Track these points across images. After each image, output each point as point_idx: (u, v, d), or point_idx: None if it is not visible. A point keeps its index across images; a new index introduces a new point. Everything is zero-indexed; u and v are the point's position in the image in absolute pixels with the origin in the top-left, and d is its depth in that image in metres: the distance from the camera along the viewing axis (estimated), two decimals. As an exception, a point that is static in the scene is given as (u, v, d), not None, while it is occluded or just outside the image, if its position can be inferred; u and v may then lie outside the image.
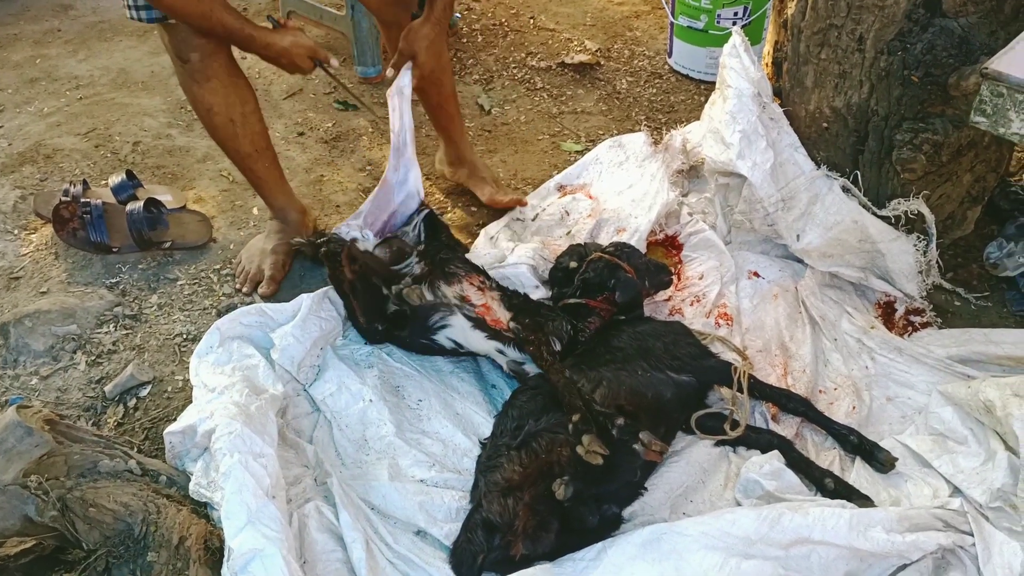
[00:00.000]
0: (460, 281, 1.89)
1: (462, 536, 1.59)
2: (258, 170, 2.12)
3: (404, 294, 1.84)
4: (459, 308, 1.84)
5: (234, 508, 1.42)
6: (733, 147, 2.09)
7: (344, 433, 1.81)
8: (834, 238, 2.07)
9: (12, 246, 2.25)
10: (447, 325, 1.84)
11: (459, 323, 1.83)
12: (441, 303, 1.85)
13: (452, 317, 1.83)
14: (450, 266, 1.93)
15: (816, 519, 1.45)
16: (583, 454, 1.51)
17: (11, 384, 1.92)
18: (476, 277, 1.93)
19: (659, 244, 2.31)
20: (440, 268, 1.91)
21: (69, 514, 1.43)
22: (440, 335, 1.85)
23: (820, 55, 2.03)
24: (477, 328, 1.82)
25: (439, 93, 2.32)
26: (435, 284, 1.87)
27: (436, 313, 1.84)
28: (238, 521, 1.41)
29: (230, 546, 1.39)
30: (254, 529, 1.40)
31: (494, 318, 1.84)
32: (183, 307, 2.10)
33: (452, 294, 1.86)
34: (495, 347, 1.82)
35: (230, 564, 1.38)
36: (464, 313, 1.83)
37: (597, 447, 1.51)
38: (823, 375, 1.94)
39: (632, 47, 3.16)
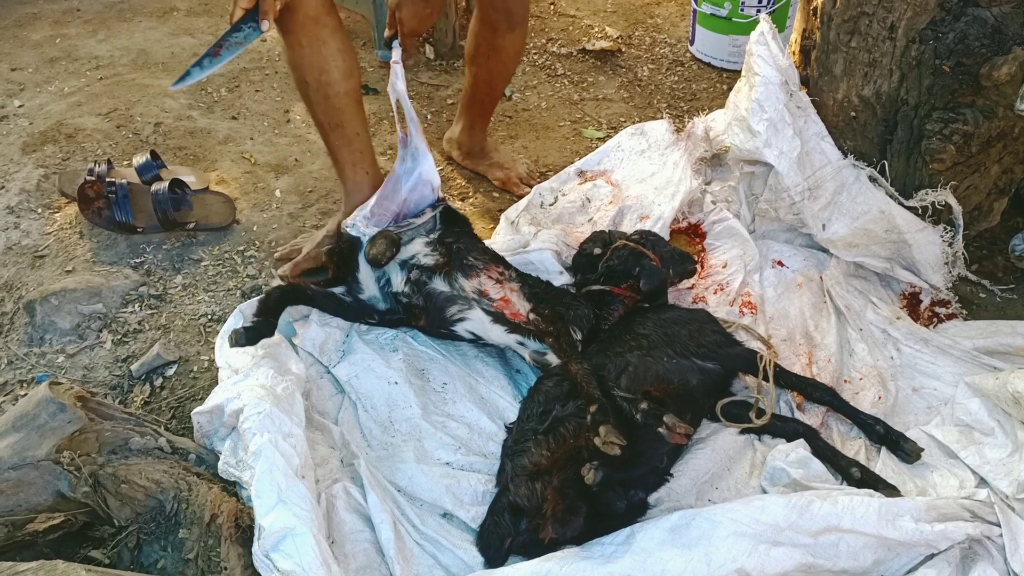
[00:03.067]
0: (478, 274, 1.87)
1: (489, 520, 1.60)
2: (331, 143, 2.07)
3: (372, 255, 1.82)
4: (477, 302, 1.83)
5: (265, 487, 1.43)
6: (759, 135, 2.08)
7: (370, 415, 1.81)
8: (860, 228, 2.06)
9: (36, 225, 2.26)
10: (465, 318, 1.83)
11: (478, 316, 1.82)
12: (459, 295, 1.84)
13: (470, 311, 1.82)
14: (468, 257, 1.90)
15: (845, 507, 1.45)
16: (600, 445, 1.51)
17: (37, 362, 1.92)
18: (495, 268, 1.90)
19: (682, 232, 2.30)
20: (458, 259, 1.88)
21: (101, 490, 1.44)
22: (459, 327, 1.85)
23: (850, 43, 2.02)
24: (497, 322, 1.82)
25: (487, 85, 2.34)
26: (452, 276, 1.85)
27: (454, 305, 1.83)
28: (269, 500, 1.42)
29: (261, 524, 1.39)
30: (285, 508, 1.41)
31: (513, 311, 1.83)
32: (207, 288, 2.10)
33: (470, 287, 1.84)
34: (515, 340, 1.82)
35: (261, 542, 1.39)
36: (483, 307, 1.83)
37: (614, 438, 1.51)
38: (848, 365, 1.94)
39: (653, 34, 3.14)
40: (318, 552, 1.37)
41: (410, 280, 1.85)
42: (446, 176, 2.51)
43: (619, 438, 1.50)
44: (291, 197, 2.39)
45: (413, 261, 1.86)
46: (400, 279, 1.86)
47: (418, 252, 1.86)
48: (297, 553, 1.37)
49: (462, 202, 2.44)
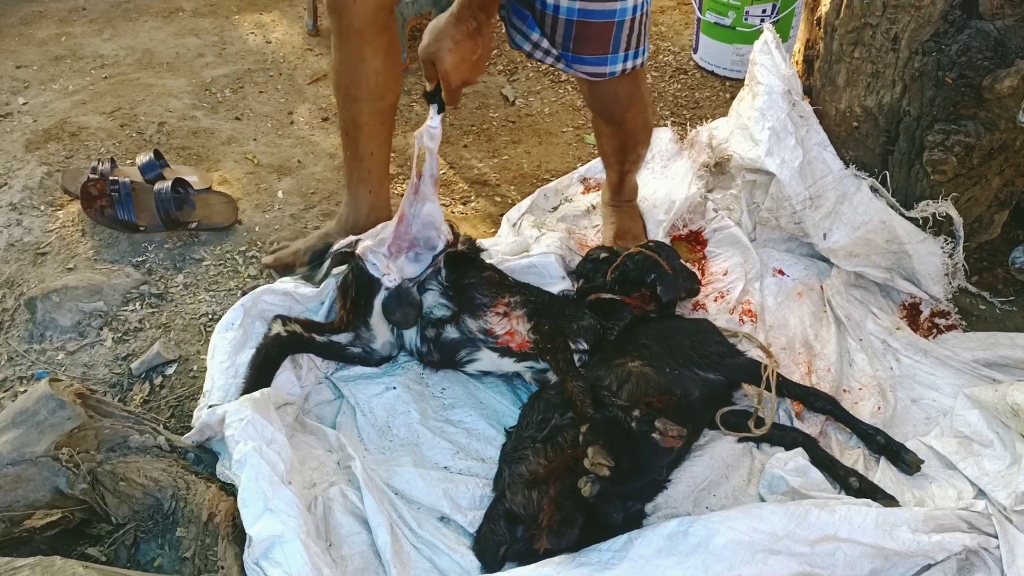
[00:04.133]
0: (485, 312, 1.84)
1: (485, 526, 1.59)
2: (345, 152, 2.03)
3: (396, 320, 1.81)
4: (483, 342, 1.82)
5: (251, 496, 1.43)
6: (762, 144, 2.09)
7: (368, 419, 1.81)
8: (861, 238, 2.06)
9: (39, 222, 2.26)
10: (475, 359, 1.83)
11: (486, 355, 1.83)
12: (467, 338, 1.83)
13: (478, 352, 1.82)
14: (476, 296, 1.86)
15: (843, 517, 1.45)
16: (588, 466, 1.50)
17: (37, 358, 1.92)
18: (501, 302, 1.86)
19: (683, 239, 2.30)
20: (467, 301, 1.85)
21: (99, 488, 1.44)
22: (469, 367, 1.85)
23: (853, 54, 2.02)
24: (505, 356, 1.82)
25: (617, 135, 2.11)
26: (460, 320, 1.84)
27: (463, 349, 1.83)
28: (256, 508, 1.42)
29: (250, 534, 1.39)
30: (272, 516, 1.41)
31: (520, 342, 1.82)
32: (208, 287, 2.10)
33: (476, 328, 1.83)
34: (525, 367, 1.82)
35: (251, 551, 1.39)
36: (489, 347, 1.82)
37: (602, 459, 1.49)
38: (848, 375, 1.94)
39: (657, 42, 3.15)
40: (307, 558, 1.37)
41: (426, 337, 1.84)
42: (447, 180, 2.52)
43: (607, 459, 1.48)
44: (293, 198, 2.39)
45: (428, 315, 1.83)
46: (415, 336, 1.85)
47: (432, 305, 1.83)
48: (286, 560, 1.37)
49: (464, 206, 2.45)
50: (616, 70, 1.86)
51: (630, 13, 1.79)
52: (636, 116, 2.05)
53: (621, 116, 2.03)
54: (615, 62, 1.85)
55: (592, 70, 1.86)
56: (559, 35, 1.81)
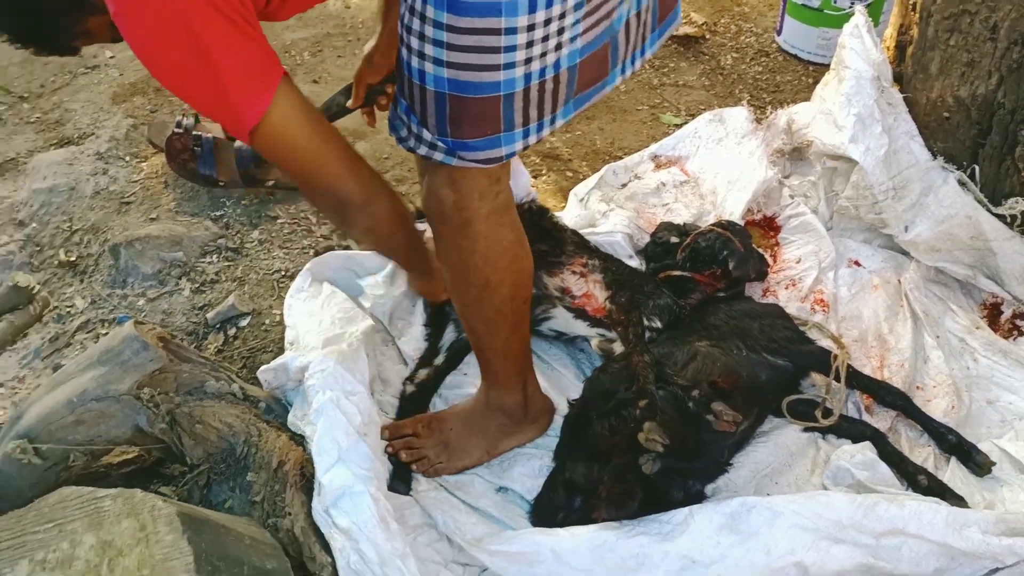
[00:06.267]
0: (562, 270, 1.85)
1: (544, 493, 1.61)
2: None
3: None
4: (560, 300, 1.82)
5: (326, 445, 1.46)
6: (846, 130, 2.04)
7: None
8: (944, 232, 2.01)
9: (124, 172, 2.33)
10: (549, 317, 1.82)
11: (561, 314, 1.82)
12: (543, 295, 1.82)
13: (554, 309, 1.82)
14: (552, 255, 1.87)
15: (912, 512, 1.42)
16: (643, 441, 1.50)
17: (119, 303, 1.99)
18: (579, 261, 1.87)
19: (756, 224, 2.27)
20: (542, 259, 1.83)
21: (177, 428, 1.49)
22: (543, 327, 1.84)
23: (949, 41, 1.96)
24: (579, 318, 1.81)
25: None
26: (537, 276, 1.80)
27: (539, 306, 1.82)
28: (329, 458, 1.45)
29: (320, 481, 1.43)
30: (344, 467, 1.44)
31: (595, 307, 1.82)
32: (282, 244, 2.15)
33: (553, 286, 1.82)
34: (596, 332, 1.81)
35: (321, 498, 1.42)
36: (564, 305, 1.82)
37: (656, 435, 1.49)
38: (922, 372, 1.89)
39: (739, 23, 3.09)
40: (375, 511, 1.39)
41: None
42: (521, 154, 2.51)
43: (662, 436, 1.48)
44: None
45: None
46: None
47: None
48: (355, 511, 1.39)
49: (535, 179, 2.44)
50: (516, 149, 1.30)
51: (521, 84, 1.22)
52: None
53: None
54: (511, 141, 1.28)
55: (484, 156, 1.28)
56: (430, 115, 1.25)
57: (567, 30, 1.22)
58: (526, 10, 1.16)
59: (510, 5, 1.15)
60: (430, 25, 1.18)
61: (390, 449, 1.61)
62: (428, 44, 1.19)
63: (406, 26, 1.22)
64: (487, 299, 1.45)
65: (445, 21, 1.16)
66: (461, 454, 1.64)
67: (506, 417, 1.64)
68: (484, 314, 1.48)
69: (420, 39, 1.20)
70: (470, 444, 1.64)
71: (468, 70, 1.20)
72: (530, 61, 1.21)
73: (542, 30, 1.19)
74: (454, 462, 1.64)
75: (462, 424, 1.65)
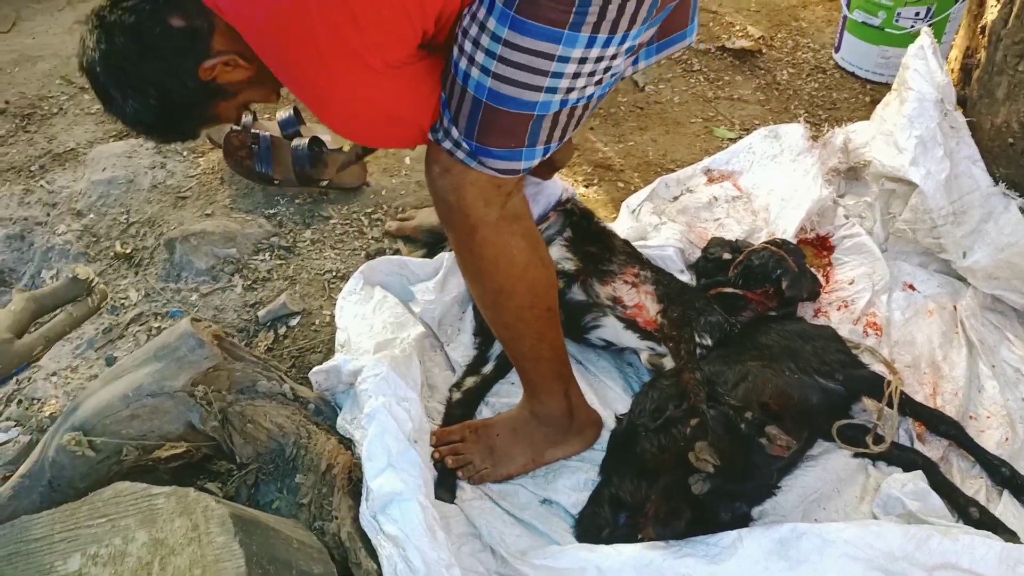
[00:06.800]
0: (613, 279, 1.84)
1: (589, 508, 1.60)
2: None
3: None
4: (611, 309, 1.81)
5: (376, 450, 1.47)
6: (907, 152, 2.00)
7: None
8: (1004, 260, 1.96)
9: (181, 167, 2.36)
10: (599, 326, 1.81)
11: (611, 324, 1.81)
12: (593, 303, 1.81)
13: (604, 318, 1.80)
14: (603, 263, 1.86)
15: (965, 546, 1.39)
16: (693, 461, 1.49)
17: (172, 297, 2.02)
18: (631, 271, 1.86)
19: (809, 243, 2.24)
20: (593, 265, 1.85)
21: (228, 426, 1.51)
22: (592, 335, 1.83)
23: (1018, 67, 1.92)
24: (629, 329, 1.80)
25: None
26: (588, 283, 1.82)
27: (588, 314, 1.81)
28: (379, 463, 1.46)
29: (369, 486, 1.43)
30: (393, 473, 1.44)
31: (646, 319, 1.80)
32: (334, 245, 2.16)
33: (604, 294, 1.81)
34: (646, 345, 1.80)
35: (369, 504, 1.43)
36: (616, 315, 1.81)
37: (708, 456, 1.48)
38: (975, 401, 1.86)
39: (797, 37, 3.06)
40: (423, 519, 1.40)
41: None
42: (571, 161, 2.51)
43: (713, 457, 1.48)
44: (419, 165, 2.39)
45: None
46: None
47: (558, 259, 1.82)
48: (402, 518, 1.40)
49: (586, 188, 2.44)
50: (533, 164, 1.36)
51: (555, 107, 1.30)
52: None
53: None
54: (531, 156, 1.35)
55: (503, 166, 1.34)
56: (463, 116, 1.31)
57: (612, 68, 1.30)
58: (584, 44, 1.23)
59: (571, 37, 1.21)
60: (487, 35, 1.24)
61: (436, 455, 1.62)
62: (480, 51, 1.25)
63: (463, 28, 1.28)
64: (503, 305, 1.47)
65: (504, 36, 1.22)
66: (507, 461, 1.64)
67: (550, 427, 1.64)
68: (504, 320, 1.50)
69: (474, 44, 1.26)
70: (515, 451, 1.65)
71: (510, 85, 1.26)
72: (571, 91, 1.28)
73: (591, 65, 1.26)
74: (499, 469, 1.64)
75: (508, 431, 1.66)
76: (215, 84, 1.31)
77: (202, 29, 1.26)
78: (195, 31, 1.26)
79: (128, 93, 1.30)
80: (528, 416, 1.67)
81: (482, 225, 1.38)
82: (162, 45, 1.26)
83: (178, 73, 1.28)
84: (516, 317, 1.49)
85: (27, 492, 1.49)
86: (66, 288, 1.65)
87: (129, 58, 1.27)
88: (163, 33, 1.25)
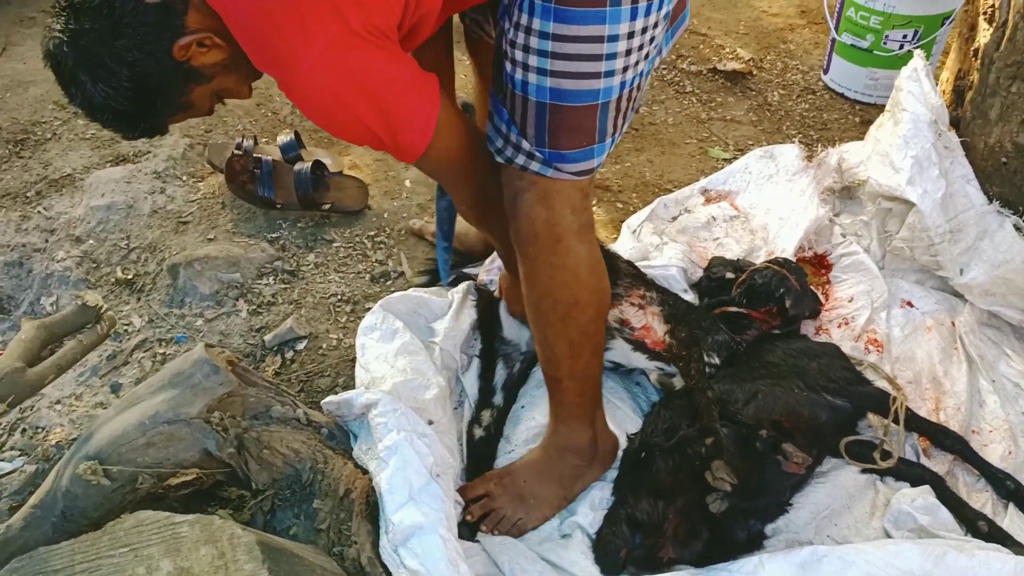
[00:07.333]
0: (620, 302, 1.84)
1: (606, 528, 1.61)
2: None
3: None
4: (619, 332, 1.82)
5: (398, 484, 1.47)
6: (903, 172, 2.04)
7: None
8: (1000, 277, 2.00)
9: (181, 191, 2.35)
10: (608, 348, 1.81)
11: (620, 346, 1.82)
12: None
13: (613, 341, 1.81)
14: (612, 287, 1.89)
15: (981, 562, 1.41)
16: (711, 480, 1.51)
17: (177, 322, 2.01)
18: (637, 293, 1.87)
19: (807, 262, 2.27)
20: None
21: (244, 452, 1.49)
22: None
23: (1011, 88, 1.97)
24: (637, 350, 1.81)
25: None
26: None
27: None
28: (400, 497, 1.45)
29: (391, 519, 1.43)
30: (415, 506, 1.44)
31: (654, 340, 1.82)
32: (338, 268, 2.16)
33: (612, 317, 1.82)
34: (655, 366, 1.82)
35: (390, 537, 1.42)
36: (624, 337, 1.82)
37: (725, 474, 1.51)
38: (977, 416, 1.89)
39: (785, 60, 3.11)
40: (444, 552, 1.39)
41: None
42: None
43: (730, 475, 1.50)
44: (420, 188, 2.44)
45: None
46: None
47: None
48: (424, 552, 1.39)
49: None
50: (603, 160, 1.39)
51: (616, 92, 1.31)
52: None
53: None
54: (601, 152, 1.37)
55: (578, 168, 1.35)
56: (530, 125, 1.32)
57: (656, 37, 1.32)
58: (628, 17, 1.25)
59: (614, 13, 1.23)
60: (535, 36, 1.25)
61: (469, 518, 1.59)
62: (532, 55, 1.27)
63: (510, 41, 1.29)
64: (573, 318, 1.46)
65: (551, 31, 1.24)
66: (540, 505, 1.62)
67: (577, 456, 1.63)
68: (569, 335, 1.49)
69: (524, 51, 1.27)
70: (546, 494, 1.63)
71: (570, 78, 1.27)
72: (627, 69, 1.30)
73: (639, 38, 1.28)
74: (533, 515, 1.62)
75: (534, 475, 1.63)
76: (189, 66, 1.25)
77: (176, 4, 1.20)
78: (169, 7, 1.19)
79: (99, 75, 1.21)
80: (552, 453, 1.65)
81: (567, 235, 1.38)
82: (135, 22, 1.18)
83: (152, 52, 1.21)
84: (582, 331, 1.49)
85: (39, 523, 1.46)
86: (75, 315, 1.63)
87: (100, 37, 1.19)
88: (136, 9, 1.18)
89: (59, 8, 1.22)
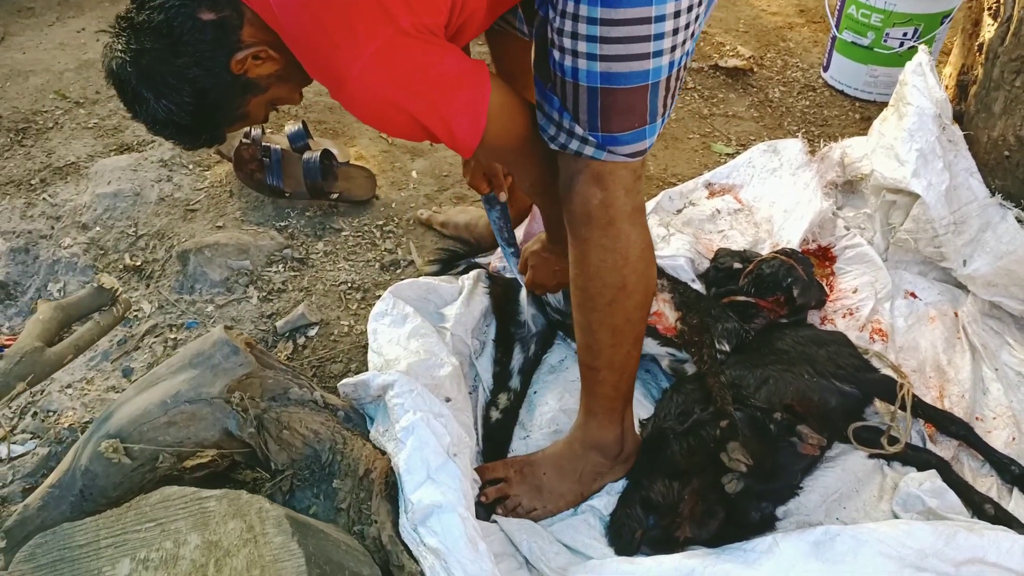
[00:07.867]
0: None
1: (620, 510, 1.62)
2: None
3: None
4: None
5: (415, 464, 1.48)
6: (908, 165, 2.08)
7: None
8: (1002, 268, 2.04)
9: (188, 180, 2.35)
10: None
11: None
12: None
13: None
14: None
15: (991, 541, 1.44)
16: (727, 461, 1.53)
17: (187, 308, 2.01)
18: None
19: (812, 254, 2.29)
20: None
21: (264, 433, 1.50)
22: None
23: (1015, 83, 2.00)
24: (649, 336, 1.83)
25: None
26: None
27: None
28: (418, 476, 1.47)
29: (410, 499, 1.44)
30: (433, 485, 1.45)
31: (666, 326, 1.84)
32: (347, 257, 2.17)
33: None
34: (666, 352, 1.84)
35: (409, 516, 1.43)
36: None
37: (740, 456, 1.53)
38: (981, 403, 1.92)
39: (785, 57, 3.15)
40: (464, 530, 1.40)
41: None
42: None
43: (746, 457, 1.52)
44: (427, 179, 2.45)
45: None
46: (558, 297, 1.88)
47: None
48: (443, 530, 1.40)
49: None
50: (654, 140, 1.40)
51: (665, 71, 1.32)
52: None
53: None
54: (652, 132, 1.38)
55: (631, 150, 1.36)
56: (582, 110, 1.33)
57: (698, 16, 1.33)
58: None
59: None
60: (583, 22, 1.26)
61: (483, 499, 1.61)
62: (581, 41, 1.28)
63: (557, 29, 1.30)
64: (620, 303, 1.47)
65: (599, 16, 1.25)
66: (556, 499, 1.63)
67: (600, 455, 1.64)
68: (613, 322, 1.49)
69: (573, 38, 1.28)
70: (564, 489, 1.64)
71: (620, 61, 1.28)
72: (674, 48, 1.31)
73: (685, 17, 1.29)
74: (548, 508, 1.63)
75: (554, 469, 1.64)
76: (246, 78, 1.29)
77: (231, 20, 1.25)
78: (225, 23, 1.24)
79: (162, 92, 1.27)
80: (576, 449, 1.65)
81: (620, 217, 1.40)
82: (194, 40, 1.24)
83: (211, 68, 1.26)
84: (627, 318, 1.49)
85: (57, 502, 1.46)
86: (91, 297, 1.63)
87: (161, 56, 1.25)
88: (194, 27, 1.23)
89: (119, 28, 1.27)
